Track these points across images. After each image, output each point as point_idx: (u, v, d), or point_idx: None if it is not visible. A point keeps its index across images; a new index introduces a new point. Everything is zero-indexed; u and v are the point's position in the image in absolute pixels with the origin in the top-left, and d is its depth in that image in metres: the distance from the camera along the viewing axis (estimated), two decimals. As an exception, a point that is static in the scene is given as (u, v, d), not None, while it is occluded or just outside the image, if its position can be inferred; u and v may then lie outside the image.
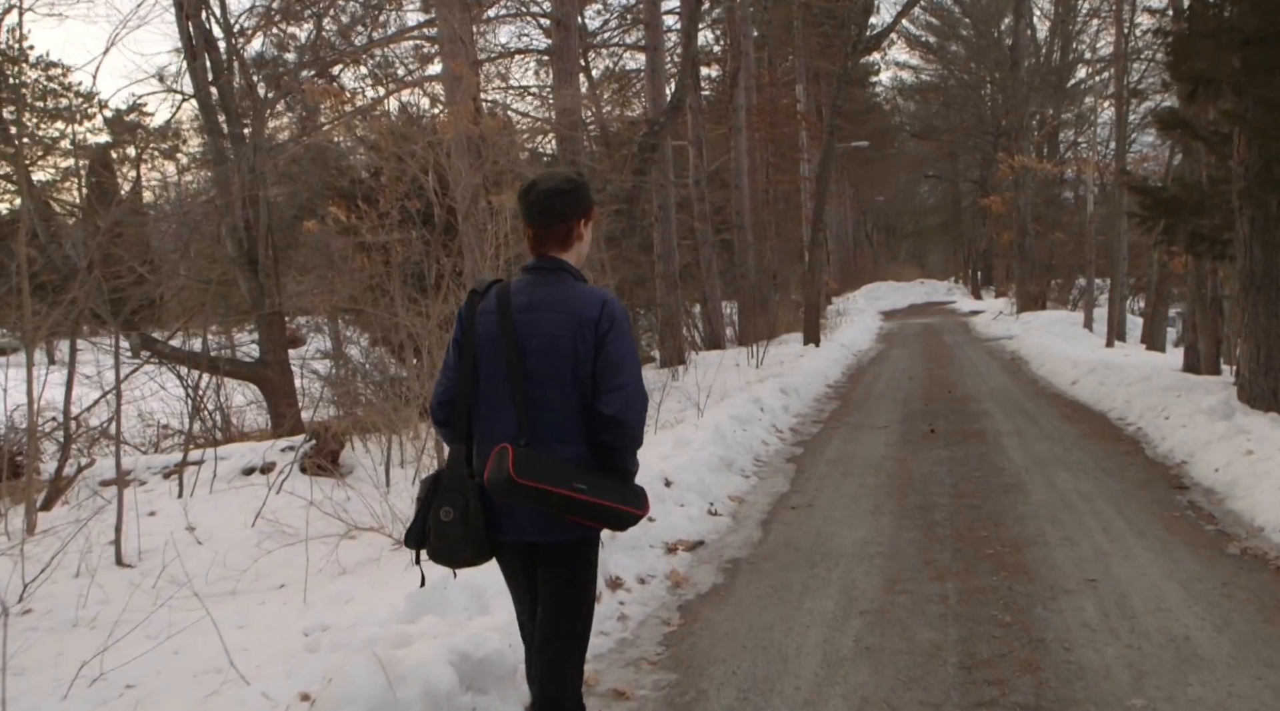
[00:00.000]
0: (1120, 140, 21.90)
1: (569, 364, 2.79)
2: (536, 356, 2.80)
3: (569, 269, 2.93)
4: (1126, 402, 11.10)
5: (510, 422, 2.77)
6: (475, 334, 2.87)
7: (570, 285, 2.89)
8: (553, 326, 2.81)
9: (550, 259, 2.92)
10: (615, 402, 2.77)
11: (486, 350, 2.84)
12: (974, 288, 50.98)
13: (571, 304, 2.83)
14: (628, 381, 2.81)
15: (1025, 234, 29.61)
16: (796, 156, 36.05)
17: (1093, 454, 8.99)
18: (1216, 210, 10.57)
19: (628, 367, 2.82)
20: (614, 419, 2.77)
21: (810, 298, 22.78)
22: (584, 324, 2.80)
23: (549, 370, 2.79)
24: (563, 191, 2.92)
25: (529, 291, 2.88)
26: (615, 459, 2.84)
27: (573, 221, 2.93)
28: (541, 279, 2.90)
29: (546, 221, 2.90)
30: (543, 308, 2.83)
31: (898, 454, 9.47)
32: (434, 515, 2.80)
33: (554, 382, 2.79)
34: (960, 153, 53.91)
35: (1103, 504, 7.03)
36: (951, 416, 11.80)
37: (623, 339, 2.83)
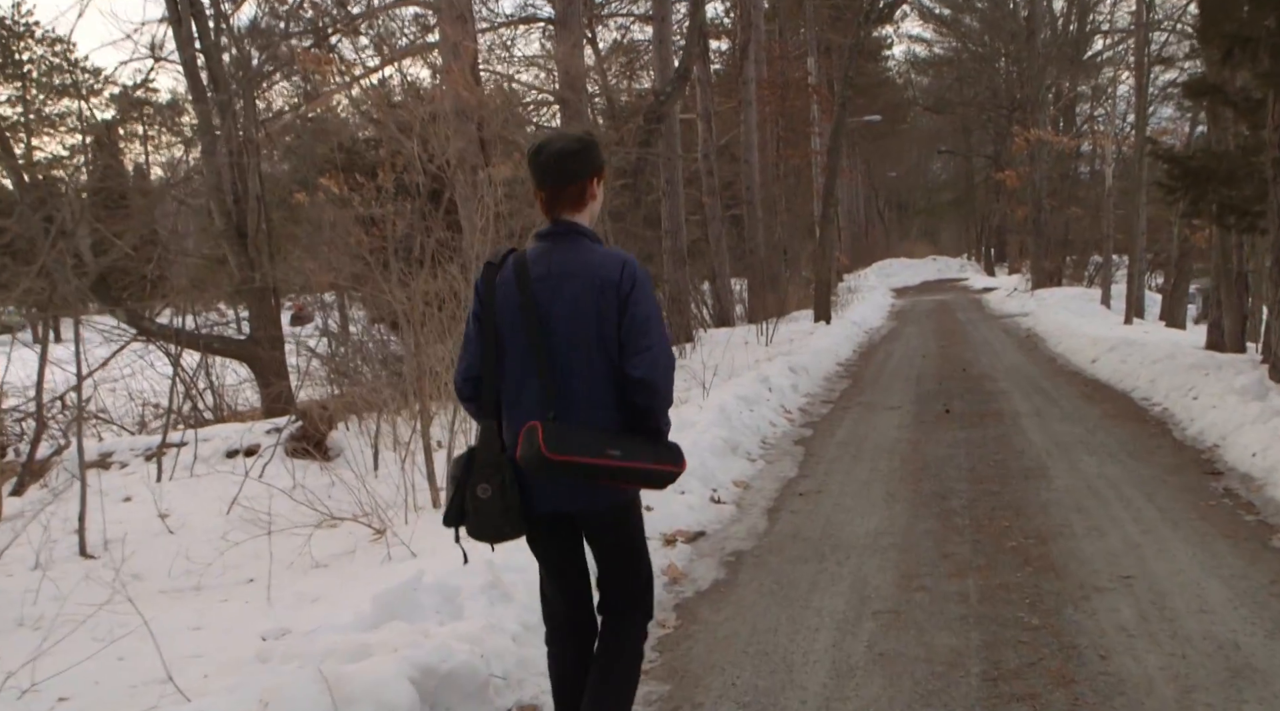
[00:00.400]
0: (1140, 110, 21.28)
1: (594, 329, 2.77)
2: (560, 324, 2.77)
3: (585, 232, 2.88)
4: (1151, 382, 10.62)
5: (537, 395, 2.75)
6: (495, 306, 2.82)
7: (588, 248, 2.84)
8: (574, 292, 2.77)
9: (564, 223, 2.87)
10: (644, 365, 2.75)
11: (508, 322, 2.81)
12: (987, 264, 50.34)
13: (591, 268, 2.79)
14: (654, 342, 2.78)
15: (1040, 209, 29.01)
16: (807, 130, 35.41)
17: (1117, 436, 8.53)
18: (1247, 180, 10.06)
19: (653, 328, 2.79)
20: (643, 381, 2.75)
21: (821, 274, 22.29)
22: (606, 287, 2.77)
23: (573, 337, 2.77)
24: (573, 151, 2.85)
25: (546, 258, 2.83)
26: (648, 421, 2.82)
27: (585, 181, 2.87)
28: (557, 244, 2.85)
29: (559, 182, 2.84)
30: (562, 274, 2.79)
31: (911, 436, 9.02)
32: (470, 493, 2.78)
33: (580, 349, 2.77)
34: (974, 128, 53.06)
35: (1131, 491, 6.58)
36: (967, 396, 11.35)
37: (646, 299, 2.80)
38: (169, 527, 6.65)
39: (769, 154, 31.82)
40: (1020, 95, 34.33)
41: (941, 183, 71.73)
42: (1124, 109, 29.42)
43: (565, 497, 2.79)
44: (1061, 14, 34.41)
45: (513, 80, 18.53)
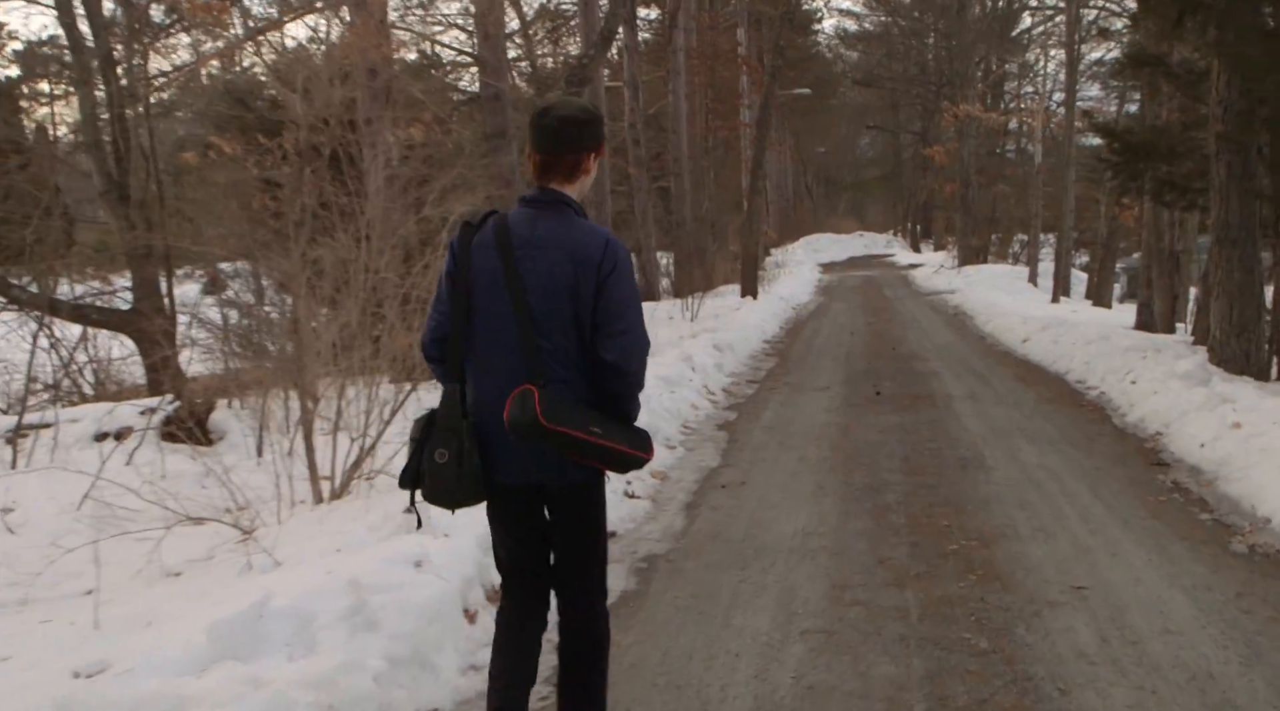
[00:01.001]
0: (1070, 87, 21.07)
1: (569, 304, 2.68)
2: (536, 295, 2.68)
3: (571, 203, 2.78)
4: (1086, 364, 10.27)
5: (515, 363, 2.66)
6: (471, 268, 2.74)
7: (572, 221, 2.75)
8: (553, 265, 2.69)
9: (551, 191, 2.76)
10: (617, 349, 2.69)
11: (484, 286, 2.72)
12: (913, 241, 50.44)
13: (573, 242, 2.70)
14: (630, 326, 2.71)
15: (968, 186, 28.82)
16: (737, 102, 34.87)
17: (1055, 422, 8.12)
18: (1188, 156, 9.71)
19: (630, 312, 2.73)
20: (616, 366, 2.69)
21: (748, 248, 21.80)
22: (585, 264, 2.68)
23: (549, 309, 2.68)
24: (579, 120, 2.76)
25: (530, 225, 2.73)
26: (618, 405, 2.77)
27: (583, 153, 2.77)
28: (542, 212, 2.75)
29: (557, 149, 2.74)
30: (544, 244, 2.71)
31: (841, 420, 8.53)
32: (428, 456, 2.71)
33: (555, 323, 2.68)
34: (902, 104, 53.03)
35: (1075, 483, 6.14)
36: (898, 377, 10.90)
37: (625, 281, 2.73)
38: (9, 526, 5.86)
39: (698, 125, 31.18)
40: (949, 71, 34.17)
41: (869, 159, 71.88)
42: (1051, 87, 29.33)
43: (536, 469, 2.72)
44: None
45: (431, 40, 17.61)
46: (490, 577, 4.34)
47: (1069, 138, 21.31)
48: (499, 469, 2.72)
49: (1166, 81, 9.80)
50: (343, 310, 7.34)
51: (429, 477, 2.73)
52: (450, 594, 3.90)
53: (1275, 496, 5.22)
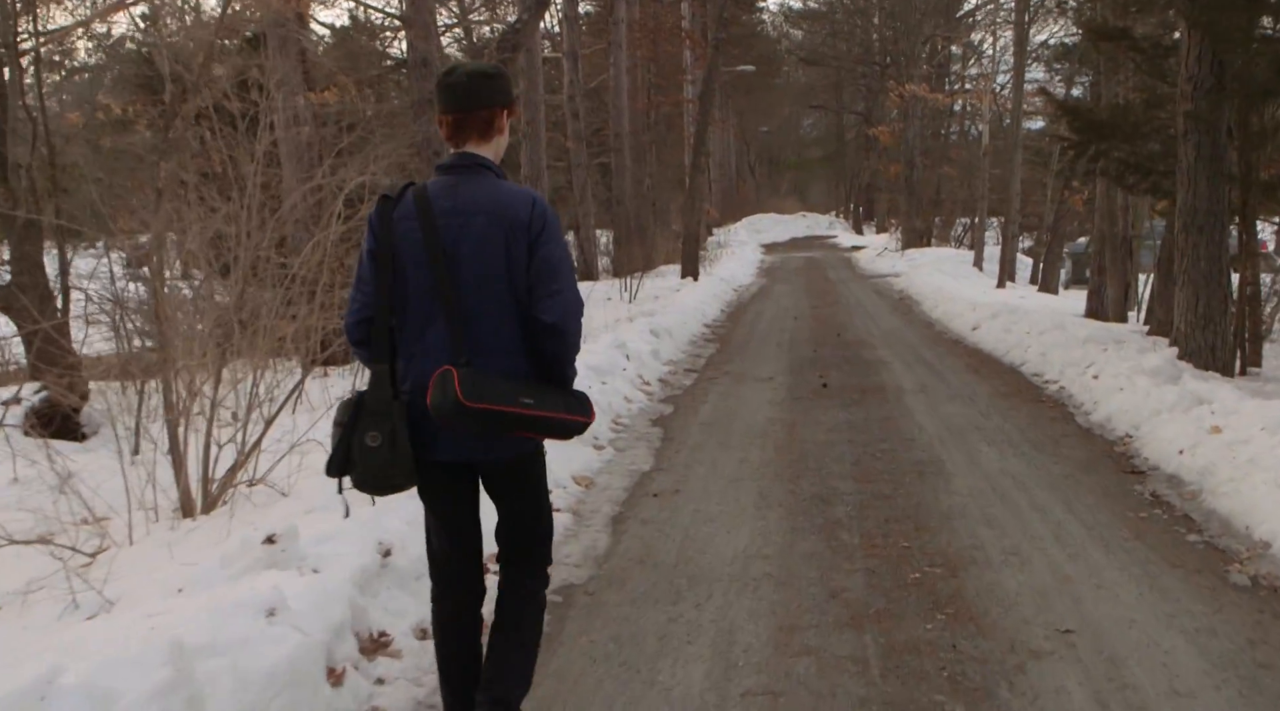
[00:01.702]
0: (1019, 65, 20.61)
1: (502, 269, 2.63)
2: (467, 263, 2.62)
3: (489, 165, 2.72)
4: (1042, 355, 9.71)
5: (444, 338, 2.61)
6: (393, 243, 2.65)
7: (495, 184, 2.69)
8: (482, 230, 2.62)
9: (469, 155, 2.70)
10: (555, 309, 2.63)
11: (409, 260, 2.64)
12: (856, 222, 50.13)
13: (500, 205, 2.65)
14: (564, 286, 2.66)
15: (913, 167, 28.39)
16: (680, 78, 34.17)
17: (1014, 420, 7.53)
18: (1152, 136, 9.16)
19: (563, 272, 2.69)
20: (554, 326, 2.64)
21: (690, 227, 21.10)
22: (515, 226, 2.63)
23: (481, 278, 2.62)
24: (487, 74, 2.73)
25: (451, 193, 2.66)
26: (556, 367, 2.73)
27: (495, 108, 2.72)
28: (463, 178, 2.69)
29: (467, 106, 2.68)
30: (469, 211, 2.64)
31: (786, 415, 7.87)
32: (358, 441, 2.62)
33: (487, 291, 2.63)
34: (846, 84, 52.69)
35: (1044, 494, 5.52)
36: (845, 366, 10.28)
37: (556, 241, 2.69)
38: None
39: (640, 100, 30.47)
40: (895, 50, 33.72)
41: (812, 139, 71.66)
42: (997, 68, 28.91)
43: (471, 446, 2.67)
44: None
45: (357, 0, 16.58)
46: (370, 621, 3.60)
47: (1016, 119, 20.88)
48: (432, 447, 2.65)
49: (1132, 55, 9.22)
50: (232, 288, 6.54)
51: (360, 463, 2.63)
52: (310, 650, 3.14)
53: (1274, 516, 4.62)
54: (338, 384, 10.12)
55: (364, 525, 3.91)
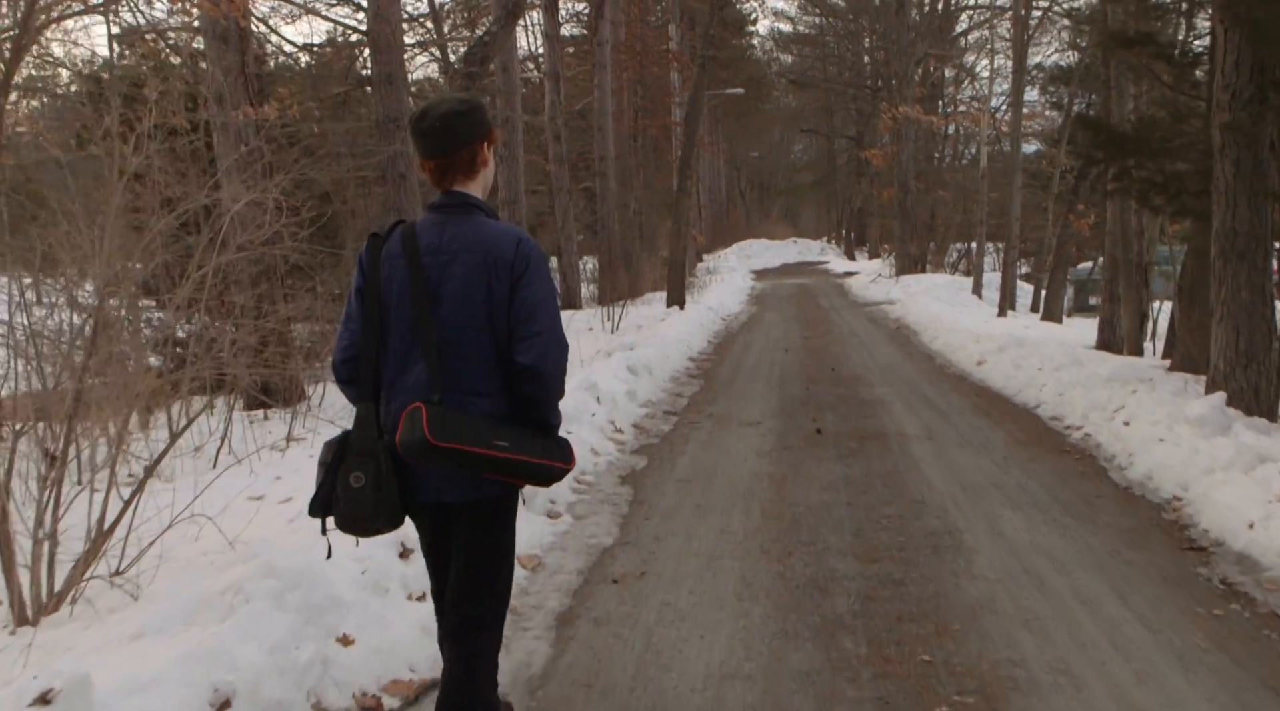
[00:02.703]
0: (1018, 86, 19.77)
1: (482, 310, 2.61)
2: (449, 303, 2.61)
3: (479, 205, 2.73)
4: (1059, 395, 8.74)
5: (422, 377, 2.59)
6: (380, 281, 2.65)
7: (481, 223, 2.69)
8: (465, 269, 2.61)
9: (457, 194, 2.71)
10: (532, 351, 2.60)
11: (394, 298, 2.64)
12: (848, 248, 49.33)
13: (484, 243, 2.63)
14: (545, 328, 2.61)
15: (907, 191, 27.51)
16: (668, 100, 33.39)
17: (1038, 475, 6.54)
18: (1180, 153, 8.23)
19: (545, 313, 2.63)
20: (531, 369, 2.60)
21: (676, 253, 20.14)
22: (498, 265, 2.61)
23: (463, 317, 2.61)
24: (459, 112, 2.68)
25: (437, 231, 2.67)
26: (536, 412, 2.68)
27: (475, 144, 2.71)
28: (449, 217, 2.69)
29: (448, 148, 2.66)
30: (453, 249, 2.64)
31: (775, 469, 6.86)
32: (342, 480, 2.60)
33: (469, 330, 2.61)
34: (837, 108, 52.08)
35: (1089, 580, 4.53)
36: (840, 407, 9.29)
37: (540, 281, 2.64)
38: None
39: (626, 123, 29.66)
40: (890, 70, 33.00)
41: (803, 164, 71.00)
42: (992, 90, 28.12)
43: (444, 486, 2.62)
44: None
45: (316, 13, 15.69)
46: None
47: (1016, 141, 20.03)
48: (414, 488, 2.63)
49: (1155, 64, 8.30)
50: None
51: (343, 503, 2.60)
52: None
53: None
54: (278, 428, 9.14)
55: (199, 660, 2.89)
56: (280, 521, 5.31)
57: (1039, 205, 23.73)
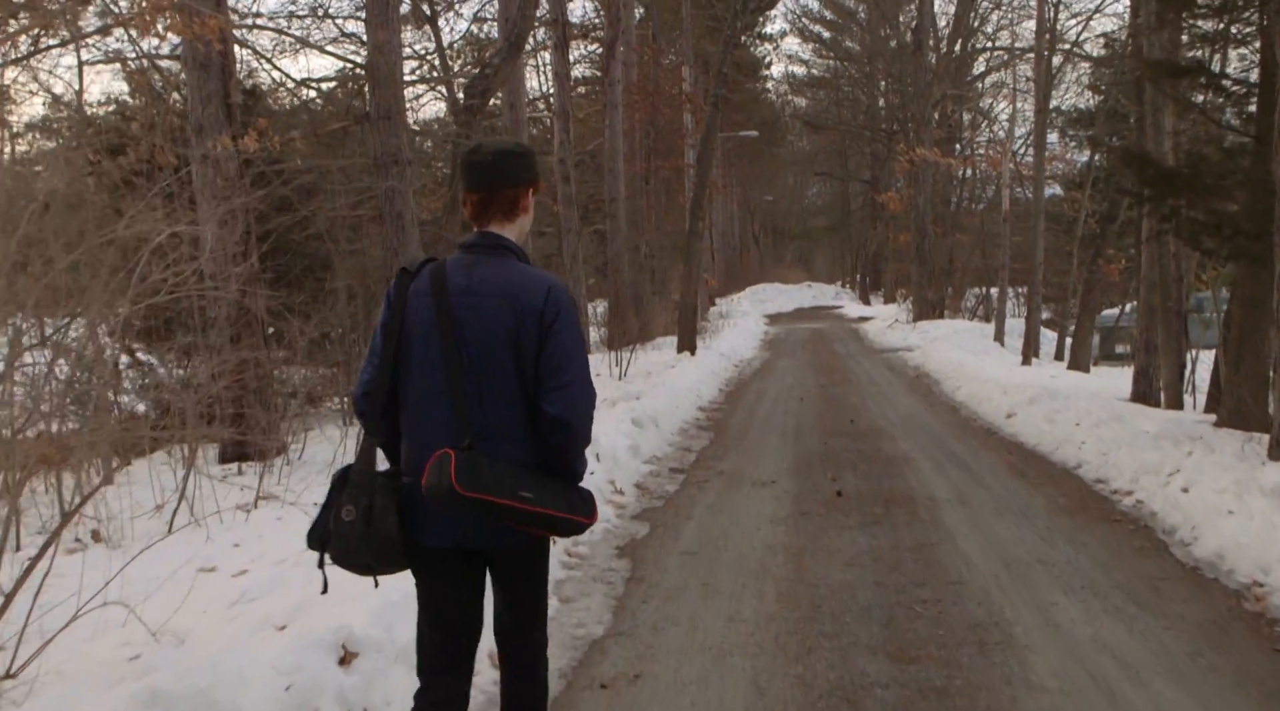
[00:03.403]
0: (1040, 126, 19.15)
1: (510, 355, 2.56)
2: (476, 347, 2.56)
3: (512, 248, 2.67)
4: (1103, 455, 7.99)
5: (449, 419, 2.54)
6: (406, 318, 2.62)
7: (513, 266, 2.64)
8: (493, 313, 2.57)
9: (491, 235, 2.67)
10: (560, 402, 2.54)
11: (420, 337, 2.60)
12: (862, 292, 48.72)
13: (514, 289, 2.58)
14: (574, 378, 2.57)
15: (925, 235, 26.86)
16: (680, 142, 32.91)
17: (1089, 550, 5.79)
18: (1236, 191, 7.53)
19: (574, 362, 2.59)
20: (559, 419, 2.53)
21: (687, 298, 19.50)
22: (527, 313, 2.56)
23: (489, 362, 2.56)
24: (512, 153, 2.70)
25: (468, 272, 2.62)
26: (562, 461, 2.61)
27: (520, 188, 2.69)
28: (482, 258, 2.65)
29: (492, 186, 2.67)
30: (483, 291, 2.59)
31: (791, 539, 6.13)
32: (335, 513, 2.56)
33: (496, 375, 2.56)
34: (851, 152, 51.72)
35: (1173, 694, 3.78)
36: (862, 465, 8.56)
37: (569, 330, 2.60)
38: None
39: (637, 164, 29.15)
40: (904, 115, 32.53)
41: (817, 208, 70.66)
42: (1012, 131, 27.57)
43: (473, 532, 2.55)
44: (945, 36, 32.65)
45: (313, 46, 15.17)
46: None
47: (1039, 184, 19.36)
48: (428, 531, 2.56)
49: (1205, 95, 7.64)
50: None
51: (334, 537, 2.55)
52: None
53: None
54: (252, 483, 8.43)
55: None
56: (221, 603, 4.60)
57: (1062, 249, 23.03)
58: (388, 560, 2.56)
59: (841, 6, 46.78)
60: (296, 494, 7.78)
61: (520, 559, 2.67)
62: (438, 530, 2.55)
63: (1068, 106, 30.35)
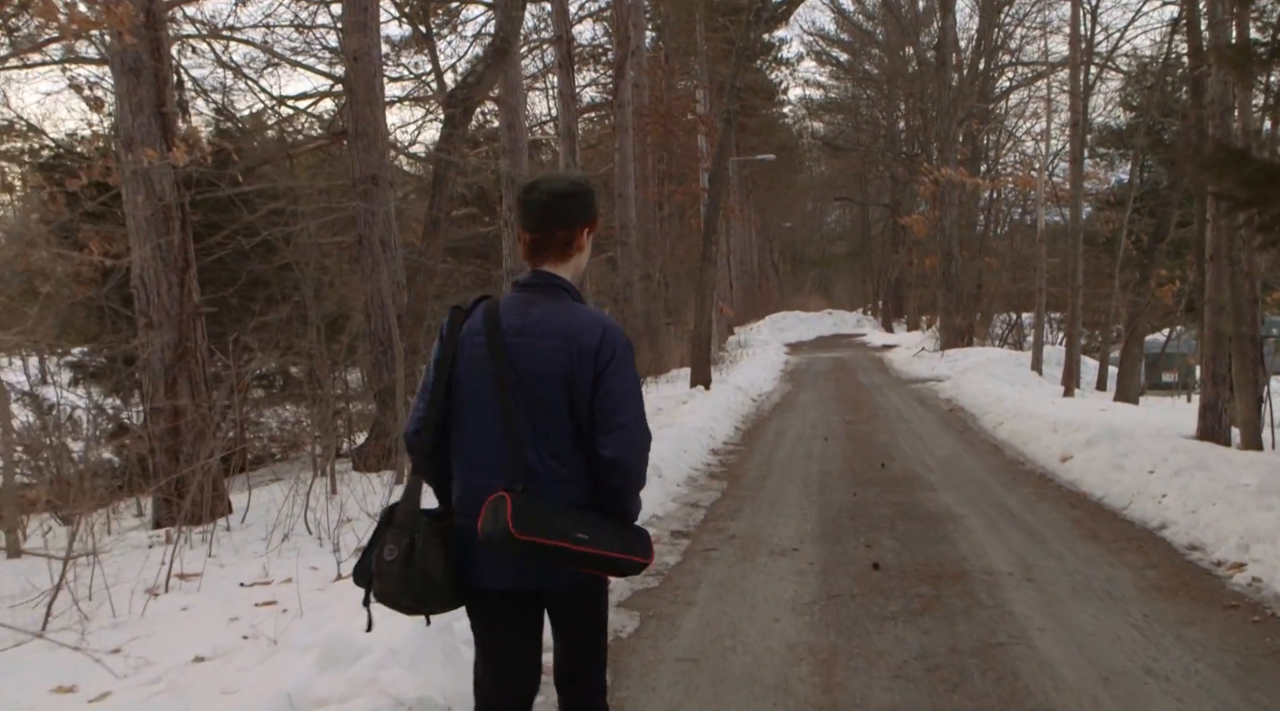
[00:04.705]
0: (1079, 137, 17.85)
1: (564, 396, 2.52)
2: (530, 386, 2.53)
3: (566, 287, 2.63)
4: (1191, 513, 6.63)
5: (501, 460, 2.50)
6: (459, 357, 2.60)
7: (568, 306, 2.60)
8: (547, 354, 2.54)
9: (545, 275, 2.63)
10: (616, 444, 2.50)
11: (473, 375, 2.58)
12: (885, 320, 47.32)
13: (569, 329, 2.54)
14: (630, 420, 2.52)
15: (952, 258, 25.52)
16: (695, 167, 31.80)
17: (1208, 653, 4.44)
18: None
19: (630, 404, 2.55)
20: (615, 462, 2.51)
21: (700, 328, 18.21)
22: (582, 353, 2.52)
23: (543, 402, 2.52)
24: (569, 193, 2.64)
25: (522, 311, 2.59)
26: (617, 502, 2.58)
27: (575, 229, 2.65)
28: (536, 297, 2.62)
29: (547, 226, 2.62)
30: (537, 331, 2.55)
31: (819, 639, 4.80)
32: (378, 552, 2.52)
33: (549, 416, 2.52)
34: (870, 176, 50.59)
35: None
36: (900, 523, 7.23)
37: (624, 371, 2.56)
38: None
39: (650, 189, 28.05)
40: (925, 135, 31.33)
41: (837, 234, 69.59)
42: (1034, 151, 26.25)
43: (530, 574, 2.51)
44: (969, 51, 31.45)
45: (286, 60, 14.02)
46: None
47: (1077, 200, 18.03)
48: (483, 573, 2.52)
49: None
50: None
51: (377, 576, 2.51)
52: None
53: None
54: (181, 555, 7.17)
55: None
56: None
57: (1101, 271, 21.64)
58: (430, 600, 2.50)
59: (859, 28, 45.88)
60: (225, 567, 6.54)
61: (577, 600, 2.62)
62: (493, 571, 2.50)
63: (1099, 123, 29.09)
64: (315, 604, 5.23)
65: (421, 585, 2.45)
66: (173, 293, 7.94)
